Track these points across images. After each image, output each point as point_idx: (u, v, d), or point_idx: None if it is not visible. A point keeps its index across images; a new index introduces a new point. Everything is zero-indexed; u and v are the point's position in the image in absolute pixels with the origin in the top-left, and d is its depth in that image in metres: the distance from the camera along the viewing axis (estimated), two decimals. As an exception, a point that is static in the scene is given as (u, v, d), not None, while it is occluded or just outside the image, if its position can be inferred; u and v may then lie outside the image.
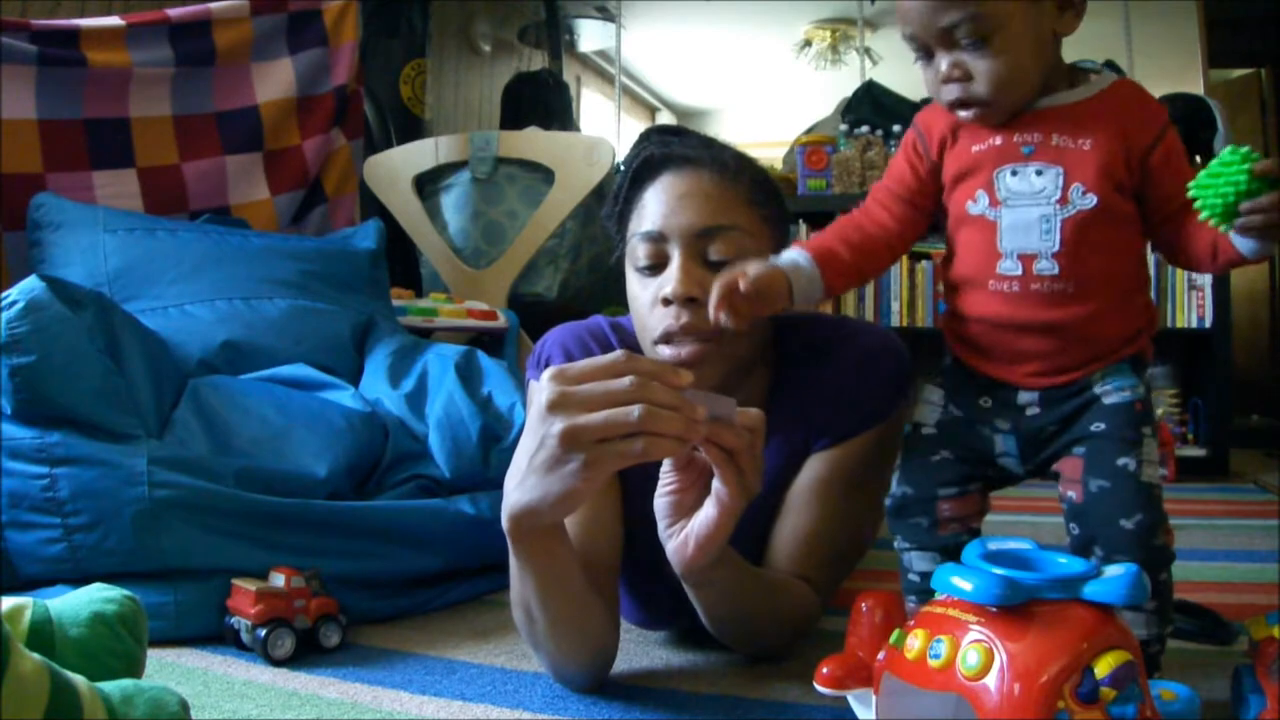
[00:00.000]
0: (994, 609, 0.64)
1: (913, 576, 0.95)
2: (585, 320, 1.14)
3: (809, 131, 3.40)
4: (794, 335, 1.08)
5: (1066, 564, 0.68)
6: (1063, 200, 0.86)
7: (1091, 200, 0.85)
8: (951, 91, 0.87)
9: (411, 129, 2.99)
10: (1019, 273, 0.88)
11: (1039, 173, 0.87)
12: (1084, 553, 0.84)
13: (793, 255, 0.93)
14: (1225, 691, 0.91)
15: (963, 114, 0.89)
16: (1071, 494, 0.86)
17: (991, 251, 0.89)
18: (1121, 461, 0.84)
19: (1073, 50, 0.97)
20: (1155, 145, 0.86)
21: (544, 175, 2.48)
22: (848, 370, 1.05)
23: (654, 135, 1.05)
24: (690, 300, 0.95)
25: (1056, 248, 0.86)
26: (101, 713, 0.64)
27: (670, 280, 0.96)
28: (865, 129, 3.17)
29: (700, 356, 0.96)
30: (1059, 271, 0.86)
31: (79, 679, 0.64)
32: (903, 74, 3.88)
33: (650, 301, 0.99)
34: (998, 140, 0.89)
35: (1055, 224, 0.86)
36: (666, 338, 0.97)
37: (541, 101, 3.51)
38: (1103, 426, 0.86)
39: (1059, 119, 0.87)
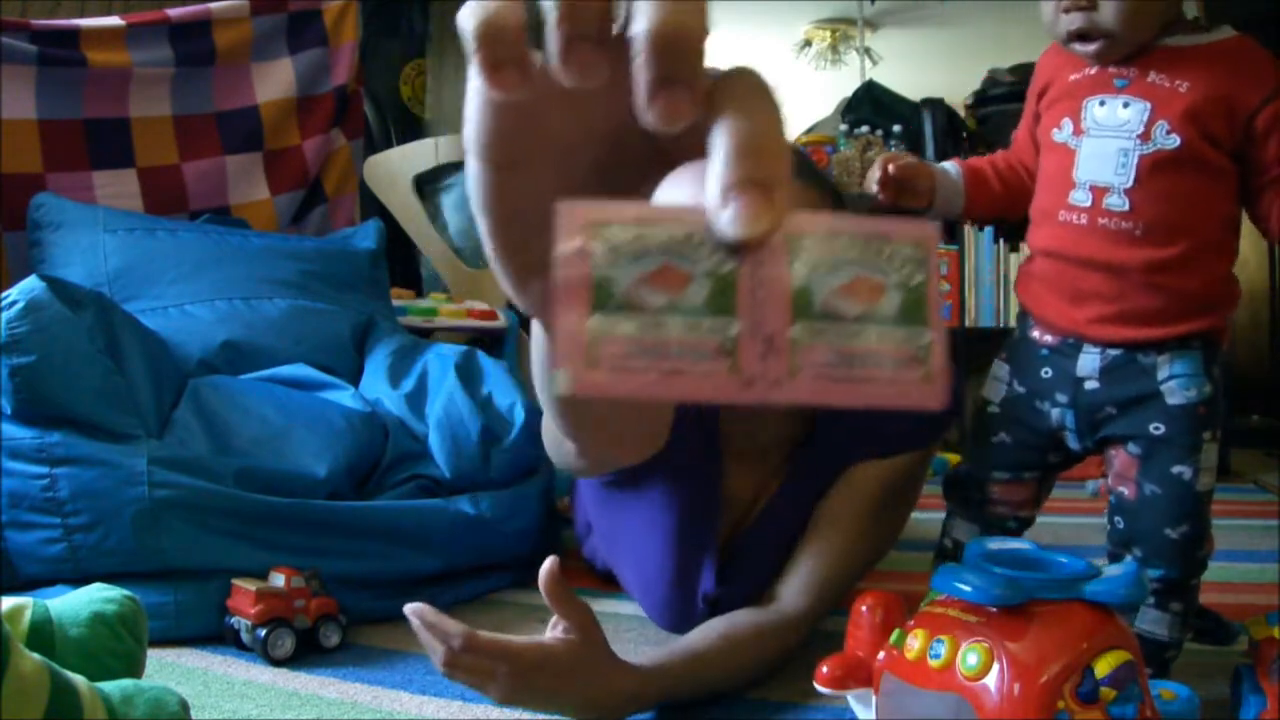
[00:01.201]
0: (994, 609, 0.64)
1: (946, 542, 0.96)
2: None
3: (809, 131, 3.40)
4: None
5: (1066, 564, 0.68)
6: (1145, 136, 0.84)
7: (1174, 141, 0.83)
8: (1074, 21, 0.86)
9: (411, 129, 2.99)
10: (1088, 204, 0.86)
11: (1126, 105, 0.85)
12: (1123, 548, 0.84)
13: (944, 164, 0.95)
14: (1225, 691, 0.91)
15: (1079, 47, 0.88)
16: (1123, 490, 0.86)
17: (1066, 180, 0.88)
18: (1177, 470, 0.83)
19: None
20: (1264, 106, 0.83)
21: (544, 175, 2.48)
22: None
23: None
24: None
25: (1129, 183, 0.84)
26: (101, 713, 0.64)
27: None
28: (865, 129, 3.17)
29: None
30: (1129, 208, 0.84)
31: (79, 679, 0.64)
32: (903, 74, 3.88)
33: None
34: (1093, 70, 0.88)
35: (1133, 159, 0.84)
36: None
37: (541, 101, 3.50)
38: (1162, 429, 0.84)
39: (1162, 59, 0.86)
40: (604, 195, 0.29)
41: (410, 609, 0.79)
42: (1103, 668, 0.61)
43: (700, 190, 0.24)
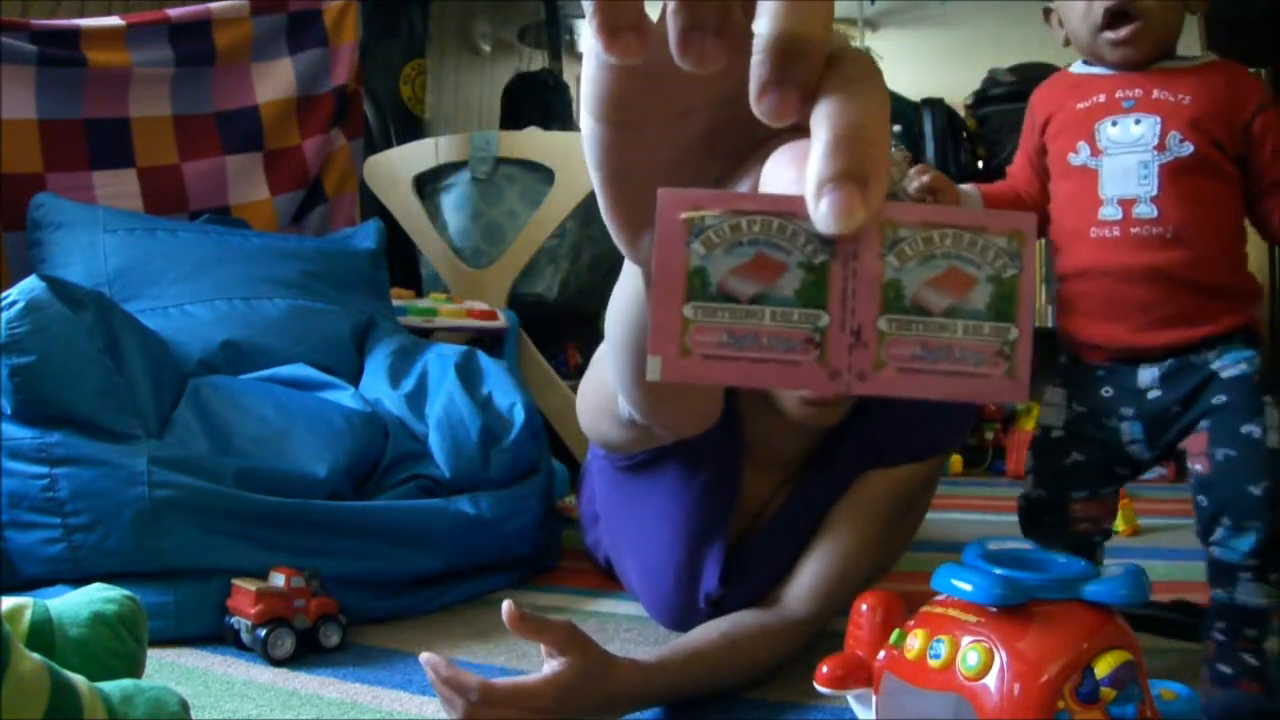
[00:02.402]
0: (994, 609, 0.64)
1: None
2: None
3: (809, 131, 3.40)
4: None
5: (1066, 564, 0.68)
6: (1160, 146, 0.90)
7: (1189, 148, 0.89)
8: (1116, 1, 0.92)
9: (411, 129, 2.99)
10: (1119, 217, 0.92)
11: (1137, 122, 0.92)
12: (1212, 525, 0.88)
13: (963, 186, 1.02)
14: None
15: (1113, 33, 0.94)
16: (1198, 467, 0.90)
17: (1093, 199, 0.94)
18: (1246, 429, 0.87)
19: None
20: (1257, 114, 0.91)
21: (544, 175, 2.48)
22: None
23: None
24: None
25: (1155, 191, 0.90)
26: (101, 713, 0.64)
27: None
28: (865, 129, 3.18)
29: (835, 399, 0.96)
30: (1158, 215, 0.90)
31: (79, 679, 0.64)
32: (903, 74, 3.88)
33: None
34: (1101, 97, 0.95)
35: (1153, 169, 0.90)
36: None
37: (541, 101, 3.50)
38: (1223, 398, 0.89)
39: (1162, 78, 0.93)
40: (715, 159, 0.31)
41: (425, 660, 0.79)
42: (1103, 668, 0.61)
43: (800, 176, 0.24)
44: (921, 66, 4.58)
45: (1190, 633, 1.14)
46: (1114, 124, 0.94)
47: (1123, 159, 0.93)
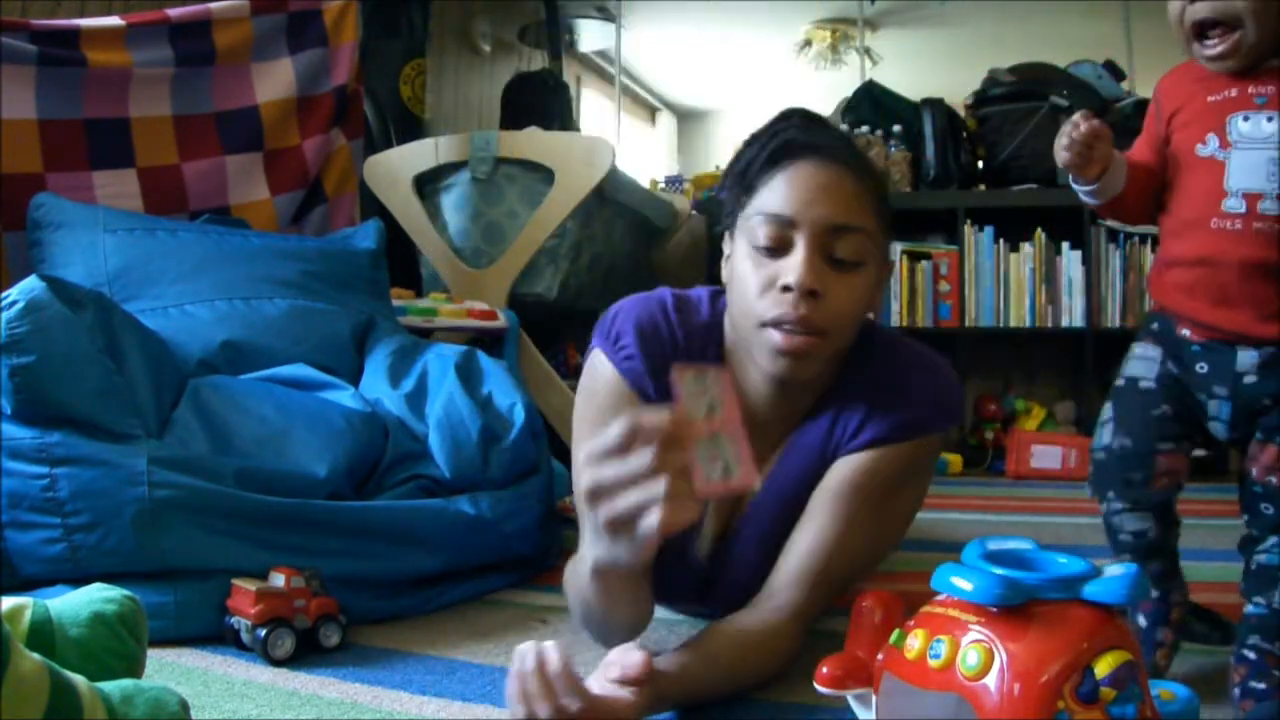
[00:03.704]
0: (994, 609, 0.64)
1: (1124, 537, 1.01)
2: (655, 294, 1.12)
3: (809, 131, 3.40)
4: (859, 341, 1.06)
5: (1066, 564, 0.68)
6: None
7: None
8: (1200, 11, 0.94)
9: (411, 129, 2.99)
10: (1243, 210, 0.93)
11: (1270, 119, 0.93)
12: (1273, 530, 0.91)
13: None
14: (1225, 691, 0.91)
15: (1204, 47, 0.95)
16: (1273, 479, 0.92)
17: (1217, 191, 0.94)
18: None
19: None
20: None
21: (544, 175, 2.48)
22: (893, 377, 1.05)
23: (796, 118, 1.03)
24: (811, 293, 0.95)
25: None
26: (101, 713, 0.64)
27: (794, 269, 0.95)
28: (865, 129, 3.17)
29: (807, 349, 0.96)
30: None
31: (79, 679, 0.64)
32: (903, 74, 3.88)
33: (764, 284, 0.97)
34: (1233, 92, 0.95)
35: None
36: (778, 323, 0.96)
37: (541, 101, 3.51)
38: None
39: None
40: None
41: (532, 650, 0.77)
42: (1103, 668, 0.61)
43: None
44: (921, 66, 4.58)
45: (1190, 634, 1.14)
46: (1245, 119, 0.94)
47: (1252, 154, 0.93)
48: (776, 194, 0.98)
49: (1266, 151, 0.92)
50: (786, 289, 0.95)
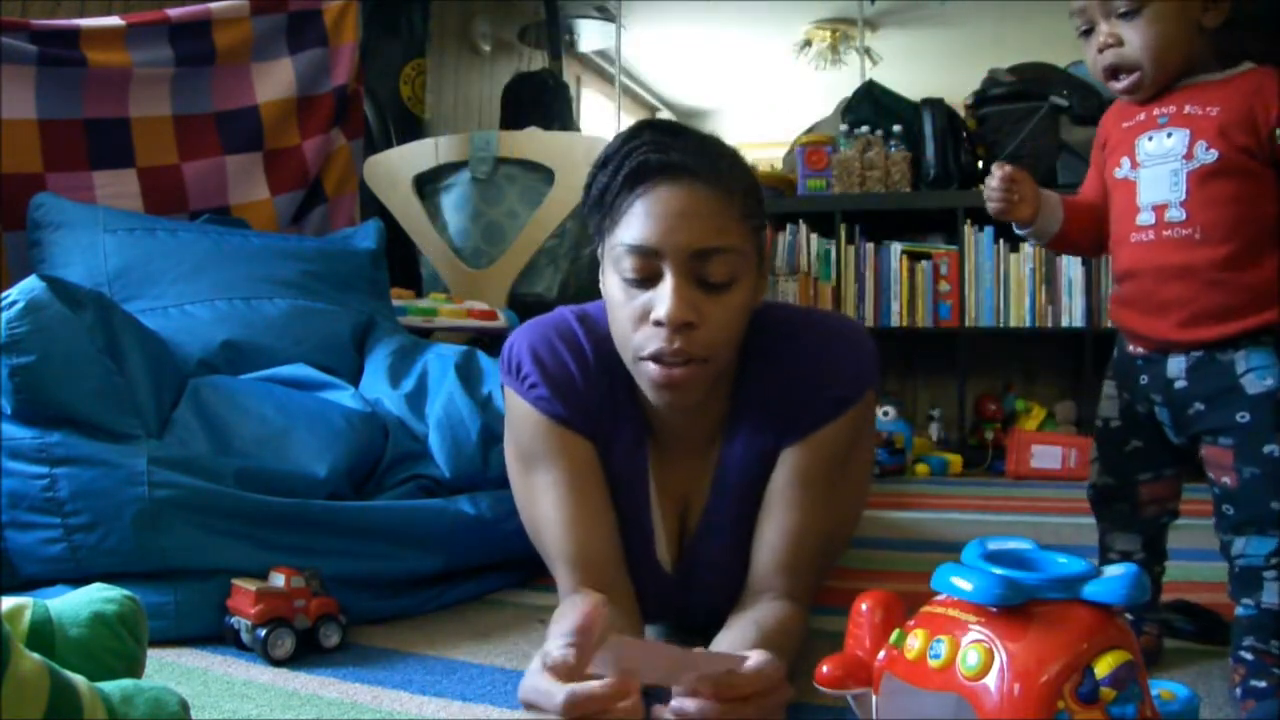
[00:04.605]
0: (994, 609, 0.64)
1: (1113, 555, 1.08)
2: (551, 316, 1.10)
3: (809, 131, 3.40)
4: (757, 326, 1.03)
5: (1066, 564, 0.68)
6: (1188, 156, 0.99)
7: (1213, 155, 0.97)
8: (1106, 59, 1.03)
9: (411, 129, 2.99)
10: (1153, 222, 1.01)
11: (1170, 135, 1.00)
12: (1237, 531, 0.96)
13: (1045, 191, 1.11)
14: (1225, 691, 0.91)
15: (1115, 85, 1.04)
16: (1226, 480, 0.97)
17: (1131, 207, 1.04)
18: (1268, 449, 0.95)
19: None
20: None
21: (544, 175, 2.48)
22: (809, 358, 1.03)
23: (647, 134, 0.97)
24: (686, 324, 0.92)
25: (1183, 197, 0.98)
26: (101, 713, 0.64)
27: (664, 302, 0.91)
28: (865, 129, 3.17)
29: (686, 379, 0.94)
30: (1186, 218, 0.98)
31: (79, 679, 0.64)
32: (903, 74, 3.88)
33: (636, 316, 0.94)
34: (1141, 116, 1.04)
35: (1182, 176, 1.00)
36: (656, 358, 0.94)
37: (541, 101, 3.51)
38: (1248, 417, 0.96)
39: (1194, 93, 1.01)
40: None
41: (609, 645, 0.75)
42: (1103, 668, 0.61)
43: None
44: (921, 66, 4.59)
45: (1189, 634, 1.14)
46: (1150, 139, 1.02)
47: (1157, 169, 1.01)
48: (637, 223, 0.93)
49: (1169, 165, 1.00)
50: (659, 324, 0.92)
